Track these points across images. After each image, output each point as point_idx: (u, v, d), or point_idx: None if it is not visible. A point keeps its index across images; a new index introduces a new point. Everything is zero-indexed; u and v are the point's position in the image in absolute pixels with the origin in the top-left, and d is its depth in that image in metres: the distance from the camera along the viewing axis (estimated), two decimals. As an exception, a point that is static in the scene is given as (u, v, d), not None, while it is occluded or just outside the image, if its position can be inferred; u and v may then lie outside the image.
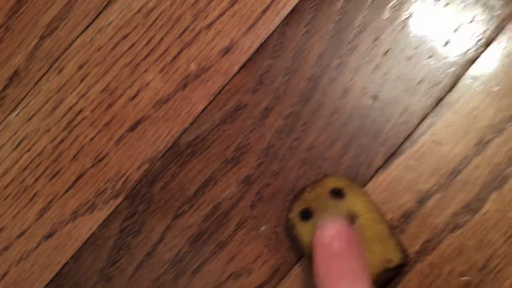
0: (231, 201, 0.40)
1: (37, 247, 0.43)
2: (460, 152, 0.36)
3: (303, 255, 0.37)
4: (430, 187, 0.36)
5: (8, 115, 0.46)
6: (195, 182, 0.41)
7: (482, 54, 0.37)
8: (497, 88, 0.36)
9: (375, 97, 0.38)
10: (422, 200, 0.36)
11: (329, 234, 0.29)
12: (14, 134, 0.45)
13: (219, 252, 0.39)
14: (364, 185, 0.36)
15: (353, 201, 0.35)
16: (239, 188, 0.40)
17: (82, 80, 0.44)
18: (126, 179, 0.42)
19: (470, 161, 0.36)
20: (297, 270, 0.37)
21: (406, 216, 0.36)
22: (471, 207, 0.35)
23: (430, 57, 0.37)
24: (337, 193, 0.35)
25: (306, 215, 0.36)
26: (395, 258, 0.33)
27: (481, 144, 0.36)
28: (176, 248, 0.40)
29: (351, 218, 0.34)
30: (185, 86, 0.42)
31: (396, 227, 0.36)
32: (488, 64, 0.36)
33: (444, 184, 0.36)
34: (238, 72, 0.41)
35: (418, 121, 0.37)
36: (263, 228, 0.39)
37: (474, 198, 0.35)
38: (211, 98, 0.41)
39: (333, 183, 0.36)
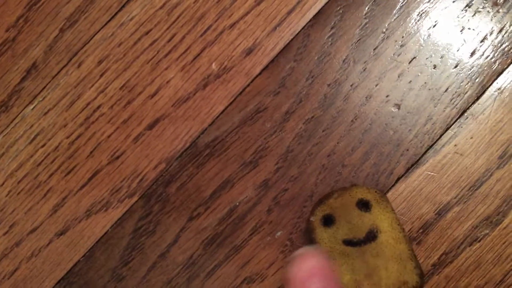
0: (248, 205, 0.48)
1: (49, 244, 0.52)
2: (483, 165, 0.43)
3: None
4: (450, 199, 0.43)
5: (24, 108, 0.55)
6: (212, 184, 0.49)
7: (509, 67, 0.44)
8: (523, 101, 0.43)
9: (398, 105, 0.46)
10: (441, 212, 0.43)
11: (306, 269, 0.29)
12: (30, 128, 0.54)
13: (233, 256, 0.47)
14: (384, 194, 0.44)
15: (379, 216, 0.42)
16: (256, 192, 0.48)
17: (101, 76, 0.53)
18: (142, 178, 0.51)
19: (492, 174, 0.43)
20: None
21: (425, 228, 0.43)
22: (491, 221, 0.42)
23: (456, 66, 0.44)
24: (364, 205, 0.42)
25: (328, 221, 0.42)
26: (412, 281, 0.40)
27: (505, 158, 0.43)
28: (190, 250, 0.48)
29: (373, 233, 0.42)
30: (205, 85, 0.50)
31: (414, 238, 0.43)
32: (515, 76, 0.44)
33: (465, 196, 0.43)
34: (260, 73, 0.49)
35: (441, 131, 0.44)
36: (278, 233, 0.46)
37: (494, 211, 0.42)
38: (232, 99, 0.49)
39: (362, 194, 0.42)
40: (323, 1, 0.46)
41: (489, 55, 0.42)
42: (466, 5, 0.43)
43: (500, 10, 0.42)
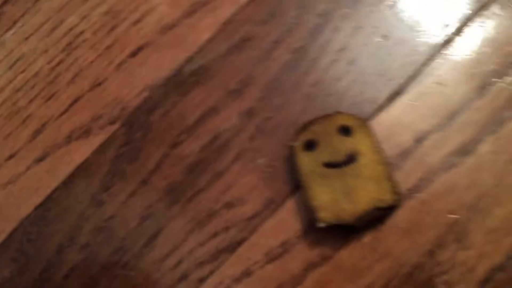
0: (231, 132, 0.50)
1: (27, 170, 0.54)
2: (463, 95, 0.47)
3: (298, 185, 0.48)
4: (429, 127, 0.46)
5: (5, 33, 0.57)
6: (196, 111, 0.52)
7: (492, 2, 0.48)
8: (504, 34, 0.47)
9: (385, 36, 0.49)
10: (420, 140, 0.47)
11: None
12: (10, 53, 0.56)
13: (215, 182, 0.50)
14: (365, 120, 0.47)
15: (359, 141, 0.45)
16: (240, 119, 0.50)
17: (85, 0, 0.55)
18: (124, 106, 0.53)
19: (472, 104, 0.47)
20: (291, 202, 0.49)
21: (403, 155, 0.47)
22: (468, 148, 0.46)
23: (441, -1, 0.48)
24: (345, 130, 0.45)
25: (310, 146, 0.45)
26: (387, 198, 0.44)
27: (484, 88, 0.47)
28: (171, 177, 0.51)
29: (353, 156, 0.45)
30: (193, 13, 0.53)
31: (392, 165, 0.47)
32: (497, 10, 0.48)
33: (444, 125, 0.46)
34: (249, 2, 0.52)
35: (425, 62, 0.48)
36: (260, 160, 0.50)
37: (471, 139, 0.46)
38: (219, 27, 0.52)
39: (344, 120, 0.45)
40: None
41: (474, -11, 0.46)
42: None
43: None
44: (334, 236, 0.45)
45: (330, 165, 0.44)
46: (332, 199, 0.43)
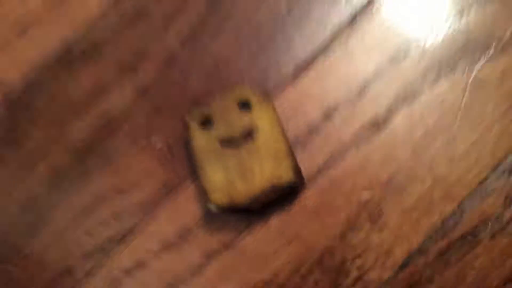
0: (124, 112, 0.45)
1: None
2: (373, 66, 0.44)
3: (195, 167, 0.43)
4: (339, 101, 0.43)
5: None
6: (86, 91, 0.46)
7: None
8: (415, 2, 0.45)
9: (289, 10, 0.46)
10: (328, 115, 0.43)
11: None
12: None
13: (105, 166, 0.45)
14: (271, 98, 0.43)
15: (259, 116, 0.42)
16: (134, 98, 0.46)
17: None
18: (7, 88, 0.48)
19: (382, 76, 0.44)
20: (190, 186, 0.44)
21: (312, 132, 0.43)
22: (379, 122, 0.43)
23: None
24: (245, 105, 0.42)
25: (207, 122, 0.42)
26: (285, 176, 0.39)
27: (396, 59, 0.44)
28: (57, 162, 0.45)
29: (251, 132, 0.41)
30: (82, -15, 0.48)
31: (301, 143, 0.43)
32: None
33: (354, 98, 0.43)
34: (143, -28, 0.48)
35: (332, 33, 0.45)
36: (157, 142, 0.45)
37: (383, 113, 0.42)
38: (109, 3, 0.48)
39: (244, 95, 0.42)
40: None
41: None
42: None
43: None
44: (237, 221, 0.41)
45: (225, 142, 0.40)
46: (226, 180, 0.39)
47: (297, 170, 0.39)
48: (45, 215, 0.43)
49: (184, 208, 0.42)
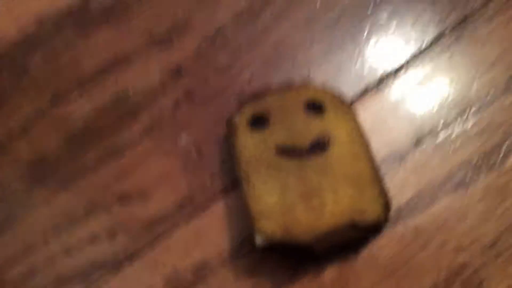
0: (146, 94, 0.34)
1: None
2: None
3: (235, 181, 0.31)
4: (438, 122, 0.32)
5: None
6: (98, 59, 0.35)
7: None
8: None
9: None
10: (421, 139, 0.32)
11: None
12: None
13: (109, 162, 0.33)
14: (345, 99, 0.32)
15: (334, 123, 0.30)
16: (163, 78, 0.34)
17: None
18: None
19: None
20: (220, 205, 0.32)
21: (396, 158, 0.32)
22: (494, 158, 0.31)
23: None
24: (315, 107, 0.31)
25: (259, 122, 0.31)
26: (372, 212, 0.28)
27: None
28: (44, 146, 0.34)
29: (322, 143, 0.30)
30: None
31: (382, 168, 0.31)
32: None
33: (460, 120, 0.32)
34: None
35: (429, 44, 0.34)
36: (183, 138, 0.33)
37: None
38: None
39: (314, 94, 0.31)
40: None
41: None
42: None
43: None
44: (278, 265, 0.28)
45: (286, 151, 0.29)
46: (283, 203, 0.28)
47: (386, 203, 0.27)
48: (18, 215, 0.31)
49: (207, 237, 0.31)
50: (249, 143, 0.30)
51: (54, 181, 0.32)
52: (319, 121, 0.30)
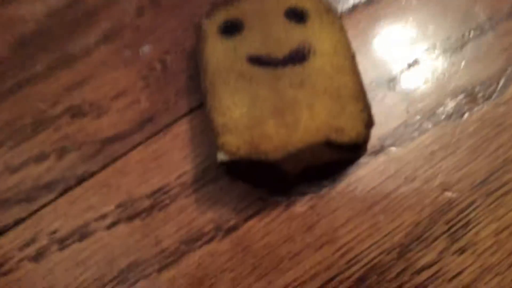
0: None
1: None
2: None
3: (203, 93, 0.27)
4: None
5: None
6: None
7: None
8: None
9: None
10: (409, 67, 0.28)
11: None
12: None
13: (61, 68, 0.29)
14: (333, 8, 0.28)
15: (317, 33, 0.26)
16: (126, -22, 0.30)
17: None
18: None
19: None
20: (185, 122, 0.28)
21: (390, 82, 0.28)
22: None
23: None
24: (297, 15, 0.27)
25: (232, 28, 0.27)
26: (350, 128, 0.24)
27: None
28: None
29: (302, 53, 0.26)
30: None
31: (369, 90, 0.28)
32: None
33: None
34: None
35: None
36: (145, 48, 0.29)
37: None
38: None
39: (295, 0, 0.27)
40: None
41: None
42: None
43: None
44: (245, 195, 0.25)
45: (259, 60, 0.25)
46: (251, 116, 0.24)
47: (368, 121, 0.24)
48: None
49: (168, 156, 0.27)
50: (218, 51, 0.26)
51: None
52: (301, 30, 0.26)
